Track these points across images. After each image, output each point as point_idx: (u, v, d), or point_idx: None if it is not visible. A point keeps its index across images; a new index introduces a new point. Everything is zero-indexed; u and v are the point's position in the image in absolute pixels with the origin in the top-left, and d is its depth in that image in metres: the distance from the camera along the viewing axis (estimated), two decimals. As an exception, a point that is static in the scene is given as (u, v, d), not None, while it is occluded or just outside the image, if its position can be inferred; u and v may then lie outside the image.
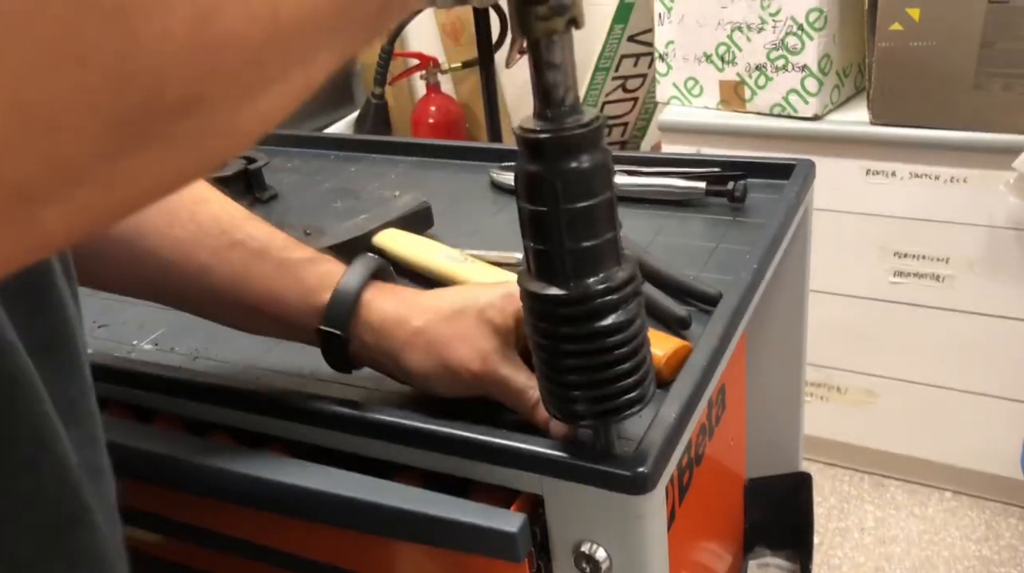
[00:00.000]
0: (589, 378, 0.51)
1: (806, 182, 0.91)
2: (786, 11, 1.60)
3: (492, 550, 0.57)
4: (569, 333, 0.50)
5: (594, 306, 0.49)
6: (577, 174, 0.46)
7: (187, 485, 0.66)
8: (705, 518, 0.87)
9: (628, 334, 0.50)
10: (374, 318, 0.61)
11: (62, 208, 0.22)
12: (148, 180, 0.25)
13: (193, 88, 0.23)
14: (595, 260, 0.49)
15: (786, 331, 0.97)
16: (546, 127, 0.46)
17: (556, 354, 0.51)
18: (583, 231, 0.48)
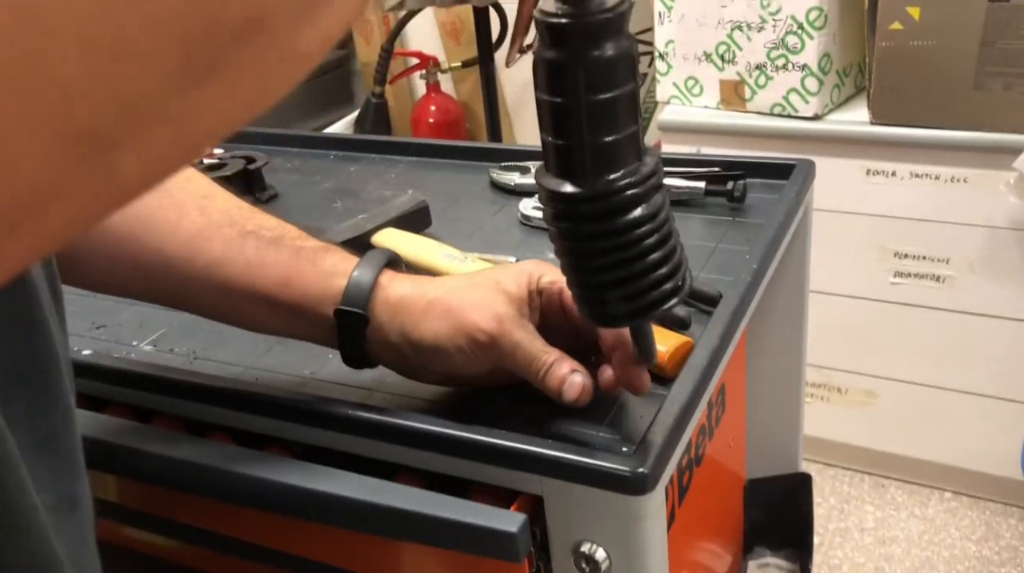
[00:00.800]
0: (619, 276, 0.49)
1: (806, 182, 0.91)
2: (786, 10, 1.60)
3: (492, 550, 0.57)
4: (592, 231, 0.48)
5: (616, 202, 0.47)
6: (601, 63, 0.44)
7: (186, 486, 0.66)
8: (705, 518, 0.87)
9: (654, 225, 0.48)
10: (392, 296, 0.61)
11: (138, 152, 0.22)
12: (216, 114, 0.24)
13: (256, 7, 0.22)
14: (617, 155, 0.46)
15: (786, 331, 0.97)
16: (568, 11, 0.43)
17: (581, 254, 0.50)
18: (605, 124, 0.45)
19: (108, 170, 0.21)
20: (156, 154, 0.23)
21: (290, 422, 0.65)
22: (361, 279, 0.61)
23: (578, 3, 0.43)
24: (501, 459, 0.58)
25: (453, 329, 0.59)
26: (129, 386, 0.72)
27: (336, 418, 0.63)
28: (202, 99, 0.22)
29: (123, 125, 0.21)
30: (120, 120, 0.21)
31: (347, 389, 0.68)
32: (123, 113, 0.21)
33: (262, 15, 0.23)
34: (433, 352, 0.60)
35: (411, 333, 0.60)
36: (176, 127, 0.22)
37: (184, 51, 0.21)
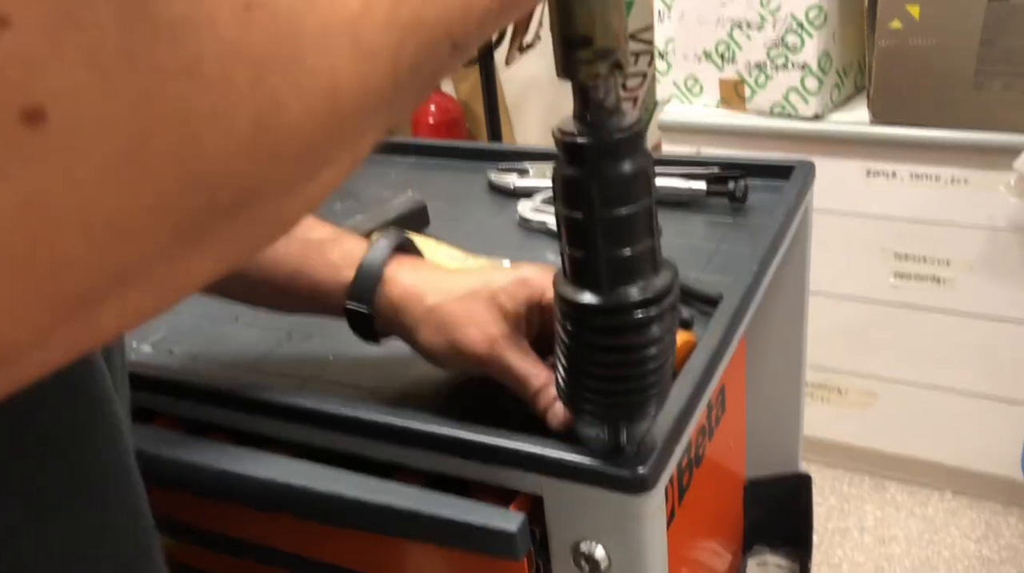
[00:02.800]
0: (611, 386, 0.50)
1: (806, 183, 0.91)
2: (786, 8, 1.60)
3: (491, 549, 0.57)
4: (602, 343, 0.49)
5: (631, 319, 0.47)
6: (616, 180, 0.45)
7: (185, 485, 0.66)
8: (705, 518, 0.87)
9: (660, 347, 0.49)
10: (395, 292, 0.62)
11: (117, 309, 0.22)
12: (199, 274, 0.25)
13: (250, 184, 0.23)
14: (632, 268, 0.47)
15: (786, 332, 0.97)
16: (585, 131, 0.44)
17: (582, 359, 0.50)
18: (620, 238, 0.46)
19: (86, 327, 0.22)
20: (134, 309, 0.23)
21: (290, 422, 0.66)
22: (367, 273, 0.62)
23: (596, 125, 0.44)
24: (500, 459, 0.59)
25: (446, 344, 0.60)
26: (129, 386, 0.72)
27: (336, 418, 0.63)
28: (186, 263, 0.23)
29: (107, 289, 0.22)
30: (105, 285, 0.21)
31: (347, 389, 0.69)
32: (109, 279, 0.21)
33: (254, 191, 0.23)
34: (429, 357, 0.62)
35: (409, 336, 0.62)
36: (158, 287, 0.23)
37: (176, 226, 0.22)
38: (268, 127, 0.22)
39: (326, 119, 0.24)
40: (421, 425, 0.61)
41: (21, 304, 0.20)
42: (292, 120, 0.23)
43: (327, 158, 0.26)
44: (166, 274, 0.23)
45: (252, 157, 0.22)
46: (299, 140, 0.24)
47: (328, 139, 0.25)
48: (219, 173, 0.22)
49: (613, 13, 0.42)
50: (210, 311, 0.80)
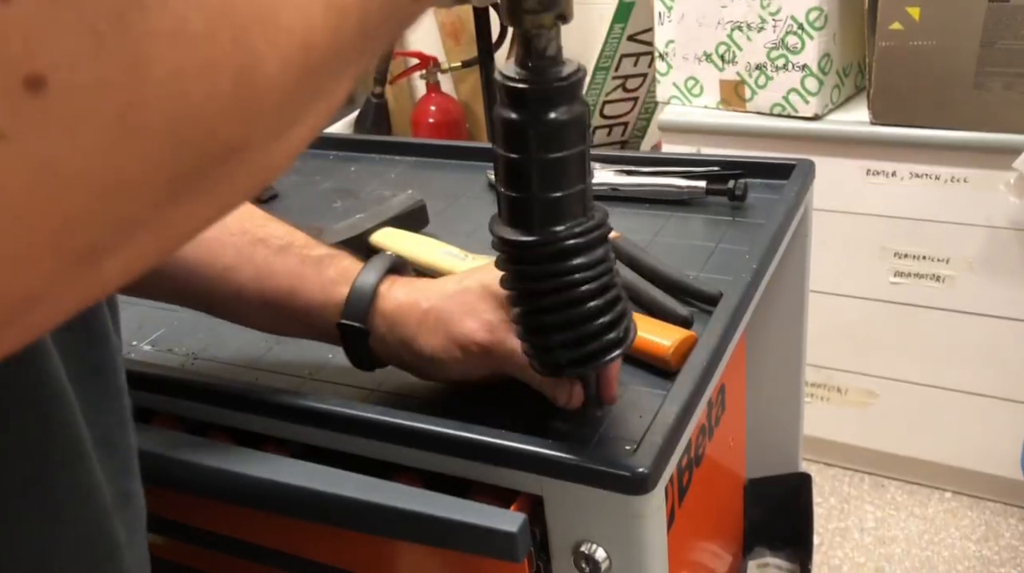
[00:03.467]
0: (562, 321, 0.53)
1: (806, 182, 0.91)
2: (786, 10, 1.60)
3: (492, 550, 0.57)
4: (536, 275, 0.51)
5: (559, 248, 0.50)
6: (553, 125, 0.47)
7: (185, 485, 0.67)
8: (705, 518, 0.87)
9: (594, 273, 0.51)
10: (388, 307, 0.62)
11: (120, 257, 0.24)
12: (193, 221, 0.26)
13: (236, 138, 0.25)
14: (563, 209, 0.49)
15: (786, 331, 0.97)
16: (527, 76, 0.46)
17: (528, 301, 0.53)
18: (554, 181, 0.48)
19: (93, 274, 0.24)
20: (136, 257, 0.25)
21: (290, 422, 0.65)
22: (362, 290, 0.62)
23: (537, 71, 0.46)
24: (501, 459, 0.59)
25: (447, 341, 0.60)
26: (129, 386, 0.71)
27: (336, 418, 0.63)
28: (181, 212, 0.25)
29: (111, 240, 0.23)
30: (109, 237, 0.23)
31: (347, 389, 0.69)
32: (113, 231, 0.23)
33: (241, 143, 0.25)
34: (431, 363, 0.62)
35: (410, 345, 0.62)
36: (157, 235, 0.25)
37: (170, 179, 0.23)
38: (249, 81, 0.24)
39: (301, 70, 0.26)
40: (421, 425, 0.61)
41: (35, 256, 0.21)
42: (270, 73, 0.24)
43: (304, 107, 0.27)
44: (164, 224, 0.25)
45: (235, 110, 0.24)
46: (277, 91, 0.25)
47: (303, 89, 0.26)
48: (206, 127, 0.23)
49: None
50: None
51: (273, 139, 0.27)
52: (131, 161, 0.22)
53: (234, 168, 0.25)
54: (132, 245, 0.24)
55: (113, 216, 0.22)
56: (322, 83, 0.27)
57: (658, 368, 0.66)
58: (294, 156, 0.28)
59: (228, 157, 0.25)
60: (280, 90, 0.25)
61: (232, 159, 0.25)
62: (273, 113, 0.26)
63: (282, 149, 0.27)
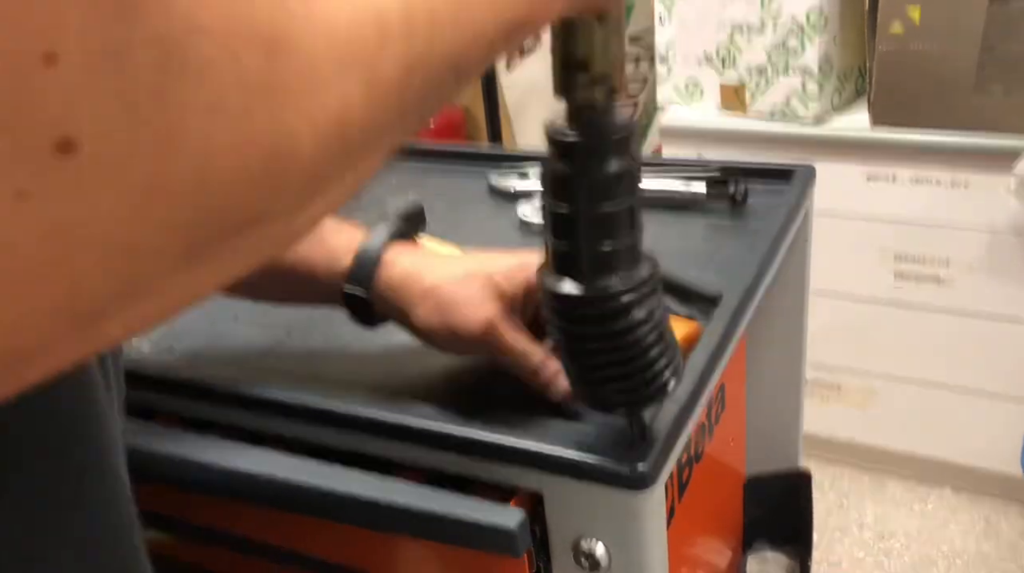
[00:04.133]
0: (614, 372, 0.52)
1: (806, 187, 0.91)
2: (786, 12, 1.60)
3: (491, 546, 0.57)
4: (589, 332, 0.51)
5: (612, 306, 0.49)
6: (603, 178, 0.47)
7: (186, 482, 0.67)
8: (705, 515, 0.88)
9: (649, 328, 0.51)
10: (394, 274, 0.63)
11: (124, 319, 0.23)
12: (205, 286, 0.26)
13: (260, 209, 0.24)
14: (612, 261, 0.49)
15: (786, 334, 0.98)
16: (577, 131, 0.46)
17: (578, 350, 0.52)
18: (603, 233, 0.48)
19: (94, 335, 0.23)
20: (139, 319, 0.24)
21: (290, 419, 0.66)
22: (365, 258, 0.64)
23: (587, 125, 0.46)
24: (500, 456, 0.59)
25: (443, 325, 0.61)
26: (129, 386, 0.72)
27: (336, 415, 0.64)
28: (192, 278, 0.24)
29: (117, 304, 0.23)
30: (116, 301, 0.22)
31: (347, 386, 0.69)
32: (120, 296, 0.22)
33: (262, 214, 0.24)
34: (426, 338, 0.63)
35: (407, 316, 0.63)
36: (165, 299, 0.24)
37: (187, 247, 0.23)
38: (280, 157, 0.23)
39: (335, 148, 0.25)
40: (421, 422, 0.61)
41: (36, 316, 0.21)
42: (303, 150, 0.24)
43: (333, 182, 0.27)
44: (174, 288, 0.24)
45: (264, 185, 0.23)
46: (308, 168, 0.25)
47: (335, 166, 0.26)
48: (231, 199, 0.23)
49: (613, 41, 0.44)
50: (210, 309, 0.80)
51: (298, 212, 0.26)
52: (148, 228, 0.21)
53: (254, 237, 0.25)
54: (138, 307, 0.23)
55: (123, 280, 0.22)
56: (354, 159, 0.27)
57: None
58: (315, 227, 0.28)
59: (249, 228, 0.24)
60: (311, 167, 0.25)
61: (253, 229, 0.24)
62: (301, 188, 0.25)
63: (305, 219, 0.27)
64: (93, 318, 0.22)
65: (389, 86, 0.27)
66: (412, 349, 0.66)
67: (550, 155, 0.48)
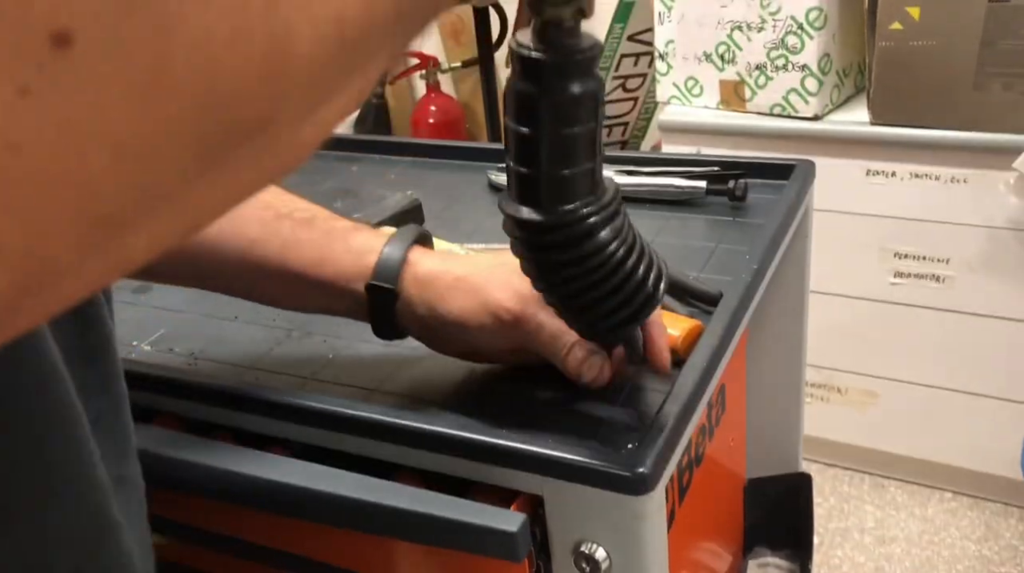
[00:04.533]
0: (591, 298, 0.52)
1: (806, 182, 0.91)
2: (786, 10, 1.60)
3: (492, 550, 0.57)
4: (556, 258, 0.50)
5: (576, 230, 0.49)
6: (567, 100, 0.46)
7: (185, 485, 0.67)
8: (705, 518, 0.87)
9: (617, 245, 0.50)
10: (420, 271, 0.63)
11: (147, 232, 0.24)
12: (221, 198, 0.26)
13: (265, 110, 0.24)
14: (574, 187, 0.48)
15: (786, 331, 0.97)
16: (543, 47, 0.45)
17: (551, 280, 0.52)
18: (565, 158, 0.47)
19: (120, 247, 0.23)
20: (163, 232, 0.24)
21: (290, 422, 0.66)
22: (391, 255, 0.63)
23: (554, 43, 0.45)
24: (501, 459, 0.59)
25: (478, 306, 0.61)
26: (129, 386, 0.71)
27: (336, 418, 0.63)
28: (208, 187, 0.25)
29: (138, 211, 0.23)
30: (136, 207, 0.23)
31: (347, 389, 0.69)
32: (140, 202, 0.23)
33: (270, 116, 0.24)
34: (458, 327, 0.62)
35: (438, 307, 0.62)
36: (183, 210, 0.25)
37: (196, 149, 0.23)
38: (281, 52, 0.23)
39: (334, 45, 0.25)
40: (421, 425, 0.61)
41: (58, 221, 0.21)
42: (303, 45, 0.24)
43: (337, 83, 0.27)
44: (190, 199, 0.24)
45: (267, 81, 0.23)
46: (310, 65, 0.25)
47: (336, 64, 0.26)
48: (236, 97, 0.23)
49: None
50: (210, 310, 0.80)
51: (303, 115, 0.26)
52: (157, 126, 0.22)
53: (264, 143, 0.25)
54: (157, 219, 0.24)
55: (138, 182, 0.22)
56: (355, 60, 0.27)
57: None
58: (323, 137, 0.28)
59: (257, 130, 0.24)
60: (312, 63, 0.25)
61: (262, 133, 0.25)
62: (304, 87, 0.25)
63: (314, 127, 0.27)
64: (116, 226, 0.22)
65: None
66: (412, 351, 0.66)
67: (514, 74, 0.47)
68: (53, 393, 0.38)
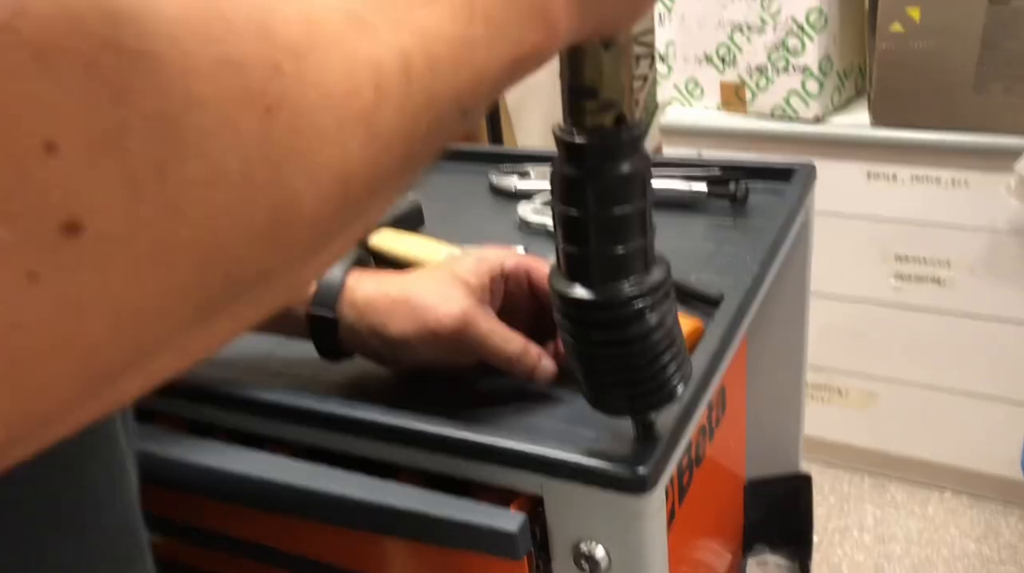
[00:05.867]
0: (623, 378, 0.52)
1: (807, 185, 0.91)
2: (786, 11, 1.60)
3: (492, 549, 0.57)
4: (599, 337, 0.50)
5: (622, 313, 0.49)
6: (613, 180, 0.46)
7: (185, 486, 0.67)
8: (705, 518, 0.87)
9: (659, 335, 0.50)
10: (358, 297, 0.64)
11: (140, 377, 0.24)
12: (216, 340, 0.26)
13: (267, 266, 0.24)
14: (623, 265, 0.48)
15: (787, 334, 0.97)
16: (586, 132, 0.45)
17: (588, 354, 0.52)
18: (614, 236, 0.47)
19: (112, 395, 0.24)
20: (156, 374, 0.25)
21: (290, 422, 0.66)
22: (329, 283, 0.64)
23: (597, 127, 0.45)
24: (501, 459, 0.59)
25: (419, 325, 0.62)
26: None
27: (336, 418, 0.63)
28: (205, 334, 0.25)
29: (134, 365, 0.23)
30: (132, 363, 0.23)
31: (347, 389, 0.69)
32: (135, 358, 0.23)
33: (271, 270, 0.25)
34: (403, 347, 0.63)
35: (380, 331, 0.63)
36: (179, 355, 0.25)
37: (198, 307, 0.23)
38: (284, 217, 0.24)
39: (338, 202, 0.25)
40: (422, 425, 0.61)
41: (52, 384, 0.21)
42: (306, 208, 0.24)
43: (338, 233, 0.27)
44: (188, 344, 0.24)
45: (268, 244, 0.24)
46: (312, 224, 0.25)
47: (339, 218, 0.26)
48: (237, 261, 0.23)
49: (620, 68, 0.44)
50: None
51: (305, 263, 0.26)
52: (157, 295, 0.22)
53: (263, 291, 0.25)
54: (152, 365, 0.24)
55: (135, 344, 0.22)
56: (359, 211, 0.27)
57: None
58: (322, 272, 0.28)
59: (257, 284, 0.24)
60: (316, 221, 0.25)
61: (261, 284, 0.25)
62: (306, 243, 0.25)
63: (312, 270, 0.27)
64: (110, 379, 0.23)
65: (391, 137, 0.26)
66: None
67: (559, 157, 0.47)
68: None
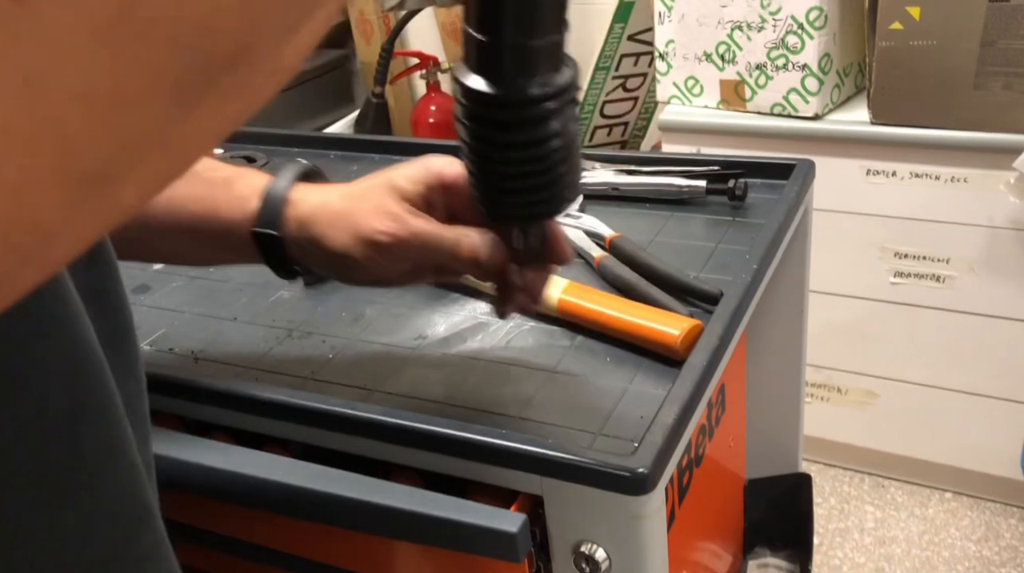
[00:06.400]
0: (521, 183, 0.50)
1: (806, 182, 0.91)
2: (786, 10, 1.60)
3: (492, 550, 0.57)
4: (499, 137, 0.48)
5: (528, 114, 0.47)
6: None
7: (184, 485, 0.66)
8: (705, 518, 0.87)
9: (559, 142, 0.48)
10: (302, 211, 0.62)
11: (136, 181, 0.23)
12: (207, 133, 0.25)
13: (243, 39, 0.23)
14: (535, 60, 0.46)
15: (786, 331, 0.97)
16: None
17: (488, 156, 0.50)
18: (530, 26, 0.44)
19: (110, 201, 0.23)
20: (152, 178, 0.24)
21: (290, 422, 0.65)
22: (272, 199, 0.63)
23: None
24: (501, 459, 0.59)
25: (356, 239, 0.60)
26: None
27: (336, 418, 0.63)
28: (192, 125, 0.23)
29: (122, 162, 0.22)
30: (119, 159, 0.22)
31: (347, 389, 0.68)
32: (121, 152, 0.22)
33: (247, 44, 0.23)
34: (347, 261, 0.61)
35: (323, 246, 0.61)
36: (170, 152, 0.24)
37: (176, 89, 0.22)
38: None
39: None
40: (421, 425, 0.61)
41: (39, 184, 0.20)
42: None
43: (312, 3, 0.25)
44: (175, 139, 0.23)
45: (240, 12, 0.22)
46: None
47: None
48: (208, 27, 0.22)
49: None
50: (210, 310, 0.81)
51: (282, 37, 0.25)
52: (128, 71, 0.20)
53: (243, 72, 0.24)
54: (144, 165, 0.23)
55: (115, 133, 0.21)
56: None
57: (662, 360, 0.67)
58: (306, 54, 0.27)
59: (235, 60, 0.23)
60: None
61: (241, 62, 0.23)
62: (279, 12, 0.24)
63: (293, 49, 0.26)
64: (101, 180, 0.22)
65: None
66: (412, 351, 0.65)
67: None
68: (92, 377, 0.37)
